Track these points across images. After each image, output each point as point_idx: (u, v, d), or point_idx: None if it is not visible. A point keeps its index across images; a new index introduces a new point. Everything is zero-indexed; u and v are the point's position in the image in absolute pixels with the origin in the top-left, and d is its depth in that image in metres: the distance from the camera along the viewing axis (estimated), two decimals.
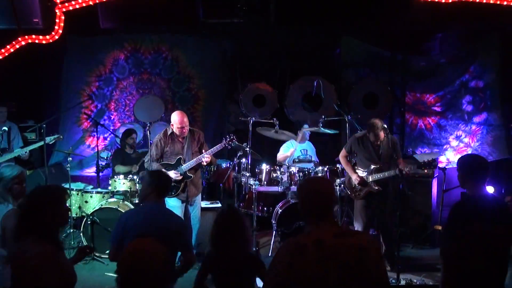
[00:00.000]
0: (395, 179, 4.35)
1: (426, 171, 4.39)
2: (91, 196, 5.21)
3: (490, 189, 4.97)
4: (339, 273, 1.83)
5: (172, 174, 4.45)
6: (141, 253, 1.76)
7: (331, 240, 1.87)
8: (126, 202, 5.06)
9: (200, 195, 4.81)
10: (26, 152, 5.26)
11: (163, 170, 4.38)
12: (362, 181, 4.52)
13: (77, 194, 5.28)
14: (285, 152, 5.66)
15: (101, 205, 4.97)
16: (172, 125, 4.57)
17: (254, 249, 5.11)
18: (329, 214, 2.00)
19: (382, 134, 4.51)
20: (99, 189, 5.39)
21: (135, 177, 5.23)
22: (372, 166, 4.53)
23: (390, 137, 4.63)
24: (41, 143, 5.21)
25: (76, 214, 5.23)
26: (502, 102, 6.34)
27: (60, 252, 2.23)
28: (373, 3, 4.42)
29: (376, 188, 4.50)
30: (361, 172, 4.61)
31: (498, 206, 2.92)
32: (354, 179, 4.60)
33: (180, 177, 4.51)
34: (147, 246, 1.78)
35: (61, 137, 5.62)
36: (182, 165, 4.53)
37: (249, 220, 2.85)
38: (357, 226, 4.69)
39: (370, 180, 4.52)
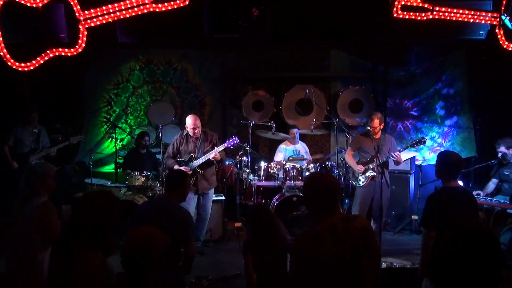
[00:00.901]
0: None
1: (416, 146, 4.58)
2: (110, 190, 5.24)
3: (459, 183, 4.99)
4: (352, 252, 1.89)
5: (182, 169, 4.50)
6: (140, 238, 1.76)
7: (341, 225, 1.93)
8: (140, 195, 5.07)
9: (212, 190, 4.81)
10: (54, 151, 5.27)
11: (180, 168, 4.43)
12: (364, 170, 4.65)
13: (98, 188, 5.28)
14: (279, 159, 5.69)
15: (119, 198, 4.99)
16: (186, 127, 4.64)
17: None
18: (335, 204, 2.03)
19: (377, 121, 4.57)
20: (117, 184, 5.40)
21: (149, 173, 5.24)
22: (373, 157, 4.59)
23: (386, 135, 4.79)
24: (66, 143, 5.24)
25: None
26: (469, 107, 6.38)
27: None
28: (357, 20, 4.44)
29: (375, 173, 4.56)
30: (364, 163, 4.72)
31: (468, 197, 2.98)
32: (358, 169, 4.67)
33: (190, 172, 4.54)
34: (145, 232, 1.78)
35: (84, 137, 5.63)
36: (193, 161, 4.57)
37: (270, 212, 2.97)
38: (354, 211, 4.74)
39: (371, 167, 4.59)
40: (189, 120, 4.63)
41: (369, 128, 4.59)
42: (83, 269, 1.89)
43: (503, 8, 4.18)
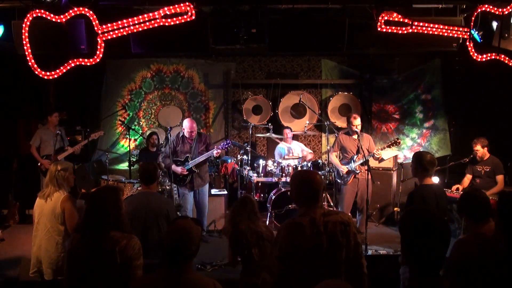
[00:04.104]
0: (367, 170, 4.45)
1: (392, 147, 4.60)
2: (124, 185, 5.25)
3: (435, 179, 5.05)
4: (329, 243, 1.88)
5: (179, 169, 4.53)
6: (182, 229, 1.79)
7: (321, 219, 1.91)
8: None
9: (207, 185, 4.79)
10: (79, 149, 5.27)
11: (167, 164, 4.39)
12: (348, 171, 4.66)
13: (114, 183, 5.32)
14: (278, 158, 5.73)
15: (133, 192, 5.03)
16: (184, 129, 4.63)
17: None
18: (317, 199, 2.00)
19: (359, 119, 4.62)
20: (131, 180, 5.43)
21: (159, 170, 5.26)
22: (354, 156, 4.63)
23: (365, 134, 4.81)
24: (86, 141, 5.27)
25: None
26: (445, 111, 6.45)
27: None
28: (346, 33, 4.51)
29: (359, 171, 4.59)
30: (346, 164, 4.72)
31: (441, 192, 3.02)
32: (341, 170, 4.70)
33: (186, 172, 4.56)
34: (185, 224, 1.82)
35: (103, 133, 5.62)
36: (189, 161, 4.57)
37: (256, 203, 2.83)
38: (340, 208, 4.76)
39: (353, 166, 4.60)
40: (187, 124, 4.62)
41: (353, 127, 4.62)
42: (132, 248, 2.02)
43: (472, 24, 4.27)
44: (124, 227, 2.12)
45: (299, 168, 5.23)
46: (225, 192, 5.36)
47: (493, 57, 4.44)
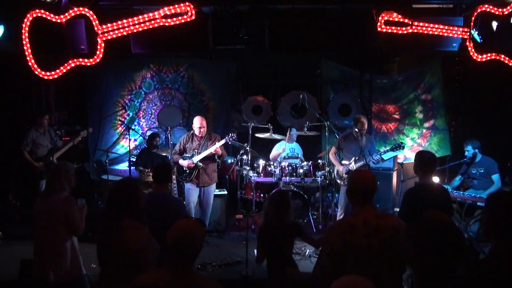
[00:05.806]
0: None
1: (395, 150, 4.67)
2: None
3: (436, 179, 5.06)
4: (380, 246, 1.91)
5: (185, 162, 4.62)
6: (186, 229, 1.78)
7: (374, 220, 1.94)
8: (151, 190, 5.10)
9: (214, 185, 4.84)
10: (78, 140, 5.30)
11: (180, 162, 4.49)
12: (347, 170, 4.65)
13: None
14: (277, 151, 5.74)
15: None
16: (193, 126, 4.73)
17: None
18: (371, 199, 2.04)
19: (366, 122, 4.66)
20: None
21: None
22: (355, 157, 4.62)
23: (367, 136, 4.81)
24: (82, 136, 5.27)
25: None
26: (445, 111, 6.46)
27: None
28: (346, 33, 4.52)
29: None
30: (347, 163, 4.71)
31: (442, 192, 2.97)
32: (341, 170, 4.69)
33: (193, 165, 4.60)
34: (189, 224, 1.82)
35: (91, 129, 5.60)
36: (195, 156, 4.66)
37: (290, 196, 2.87)
38: (339, 207, 4.75)
39: (354, 167, 4.59)
40: (197, 120, 4.74)
41: (356, 130, 4.61)
42: (137, 241, 2.14)
43: (472, 24, 4.28)
44: (140, 215, 2.23)
45: (299, 168, 5.23)
46: (225, 192, 5.36)
47: (493, 57, 4.45)
